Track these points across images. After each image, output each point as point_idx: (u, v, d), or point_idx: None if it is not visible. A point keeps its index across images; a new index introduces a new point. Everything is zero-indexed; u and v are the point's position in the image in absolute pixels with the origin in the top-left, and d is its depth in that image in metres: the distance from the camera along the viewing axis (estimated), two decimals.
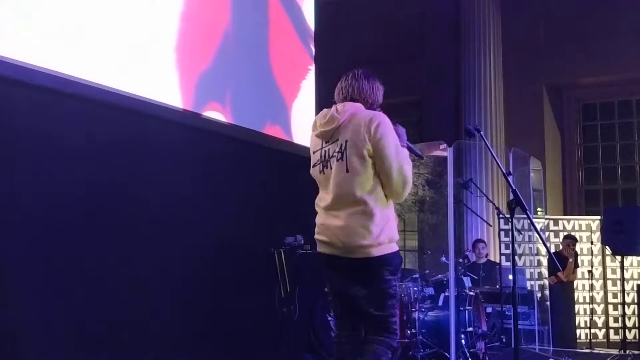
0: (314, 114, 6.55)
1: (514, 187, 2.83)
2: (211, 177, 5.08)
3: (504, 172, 2.95)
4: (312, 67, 6.66)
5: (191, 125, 4.97)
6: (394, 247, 2.87)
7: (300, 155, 6.19)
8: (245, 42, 5.68)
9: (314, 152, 3.04)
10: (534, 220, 2.96)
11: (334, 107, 2.97)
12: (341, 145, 2.86)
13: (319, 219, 2.99)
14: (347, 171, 2.82)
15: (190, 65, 5.04)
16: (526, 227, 7.84)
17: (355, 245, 2.80)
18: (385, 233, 2.81)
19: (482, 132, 3.07)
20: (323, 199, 2.97)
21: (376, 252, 2.80)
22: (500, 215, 6.70)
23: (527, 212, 2.87)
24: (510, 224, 3.01)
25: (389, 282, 2.84)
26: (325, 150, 2.95)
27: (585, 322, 8.63)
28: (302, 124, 6.30)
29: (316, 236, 3.02)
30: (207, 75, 5.20)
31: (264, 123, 5.87)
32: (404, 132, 2.99)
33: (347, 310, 2.99)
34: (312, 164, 3.05)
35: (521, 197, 2.81)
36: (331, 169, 2.89)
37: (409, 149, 3.01)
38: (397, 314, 2.93)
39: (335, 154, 2.88)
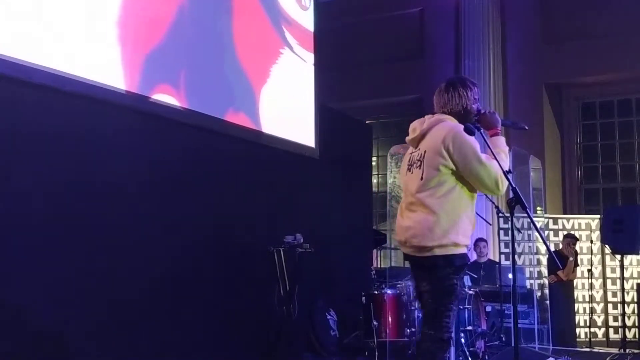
0: (311, 111, 6.53)
1: (513, 185, 2.82)
2: (209, 175, 5.07)
3: (504, 170, 2.94)
4: (285, 52, 6.14)
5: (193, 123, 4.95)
6: (457, 250, 3.09)
7: (299, 154, 6.20)
8: (203, 18, 5.11)
9: (408, 154, 3.36)
10: (534, 219, 2.97)
11: (423, 118, 3.31)
12: (421, 154, 3.18)
13: (397, 220, 3.33)
14: (422, 179, 3.11)
15: (136, 42, 4.44)
16: (526, 225, 7.84)
17: (420, 245, 3.10)
18: (449, 236, 3.04)
19: (481, 130, 3.06)
20: (403, 200, 3.30)
21: (439, 252, 3.06)
22: (500, 214, 6.69)
23: (527, 210, 2.86)
24: (510, 222, 3.00)
25: (449, 279, 3.09)
26: (412, 155, 3.28)
27: (585, 321, 8.63)
28: (272, 112, 5.82)
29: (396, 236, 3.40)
30: (157, 54, 4.60)
31: (225, 109, 5.31)
32: (493, 116, 3.23)
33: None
34: (402, 164, 3.40)
35: (521, 196, 2.80)
36: (412, 173, 3.20)
37: (509, 125, 3.62)
38: (454, 310, 3.16)
39: (417, 161, 3.19)
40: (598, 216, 8.90)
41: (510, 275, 6.73)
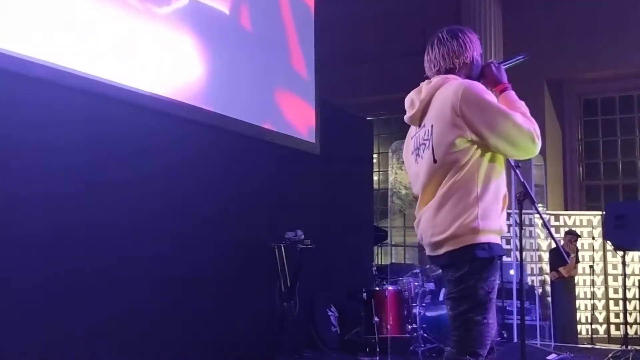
0: (305, 104, 6.49)
1: (522, 180, 2.78)
2: (209, 171, 5.04)
3: (513, 164, 2.87)
4: None
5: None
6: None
7: (300, 150, 6.17)
8: None
9: (409, 139, 2.54)
10: (537, 215, 2.91)
11: (419, 86, 2.46)
12: (427, 131, 2.35)
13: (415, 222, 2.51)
14: (435, 162, 2.30)
15: None
16: (527, 222, 7.81)
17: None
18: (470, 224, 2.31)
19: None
20: (417, 195, 2.46)
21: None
22: None
23: (535, 205, 2.82)
24: (519, 217, 2.97)
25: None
26: (416, 137, 2.45)
27: (587, 317, 8.62)
28: (270, 105, 5.46)
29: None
30: None
31: None
32: (497, 69, 2.45)
33: None
34: (405, 154, 2.58)
35: (530, 190, 2.77)
36: (423, 158, 2.37)
37: (511, 64, 2.54)
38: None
39: (424, 141, 2.36)
40: (599, 212, 8.88)
41: (511, 272, 6.72)
